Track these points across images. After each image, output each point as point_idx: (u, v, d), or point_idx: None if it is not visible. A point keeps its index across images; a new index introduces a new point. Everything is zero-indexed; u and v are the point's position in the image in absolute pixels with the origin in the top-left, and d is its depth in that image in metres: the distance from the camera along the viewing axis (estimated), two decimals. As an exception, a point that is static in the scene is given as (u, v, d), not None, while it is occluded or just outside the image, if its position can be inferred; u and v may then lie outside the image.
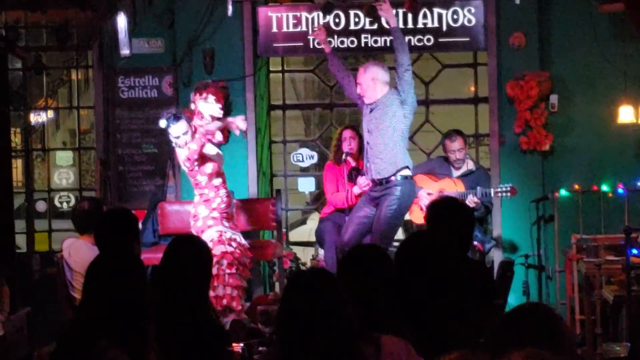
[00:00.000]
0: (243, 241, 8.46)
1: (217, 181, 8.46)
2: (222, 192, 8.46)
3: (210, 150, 8.45)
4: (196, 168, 8.30)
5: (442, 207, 5.57)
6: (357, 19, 10.33)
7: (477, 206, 9.11)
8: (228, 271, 8.14)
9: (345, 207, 8.86)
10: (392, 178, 8.26)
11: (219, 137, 8.67)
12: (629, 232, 7.54)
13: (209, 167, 8.38)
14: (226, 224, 8.41)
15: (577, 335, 8.88)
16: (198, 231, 8.28)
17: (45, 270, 10.12)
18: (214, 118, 8.49)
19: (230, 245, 8.28)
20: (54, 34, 10.30)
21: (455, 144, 9.48)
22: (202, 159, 8.32)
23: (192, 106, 8.57)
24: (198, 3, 10.32)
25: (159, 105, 10.25)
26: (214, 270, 7.84)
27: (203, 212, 8.37)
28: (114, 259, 4.30)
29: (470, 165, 9.59)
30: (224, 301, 8.05)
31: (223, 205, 8.42)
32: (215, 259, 7.66)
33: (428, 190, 9.34)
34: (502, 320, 3.02)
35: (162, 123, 8.39)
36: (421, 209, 9.25)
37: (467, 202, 8.98)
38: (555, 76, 10.07)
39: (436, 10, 10.26)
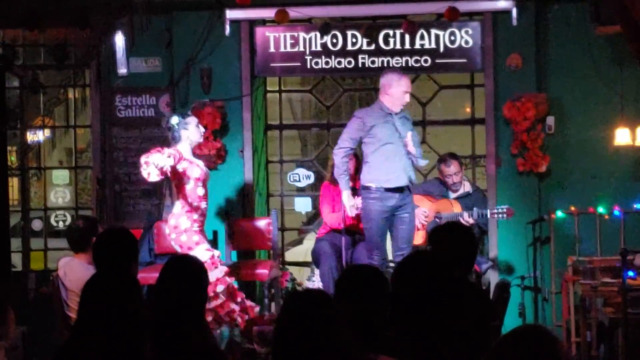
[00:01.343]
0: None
1: (202, 191, 8.52)
2: (204, 205, 8.56)
3: (194, 172, 8.50)
4: (181, 167, 8.35)
5: (446, 232, 5.58)
6: (354, 40, 10.35)
7: (472, 226, 9.12)
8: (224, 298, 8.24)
9: (341, 227, 8.85)
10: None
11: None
12: (626, 254, 7.53)
13: (197, 172, 8.48)
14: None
15: (573, 357, 8.86)
16: (184, 247, 8.31)
17: (41, 289, 10.10)
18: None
19: (221, 265, 8.39)
20: (52, 53, 10.31)
21: (451, 168, 9.50)
22: (190, 164, 8.42)
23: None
24: (196, 23, 10.34)
25: (156, 124, 10.26)
26: (216, 302, 7.96)
27: (184, 223, 8.43)
28: (109, 279, 4.29)
29: (467, 187, 9.60)
30: (237, 318, 8.17)
31: (202, 218, 8.53)
32: (211, 289, 7.76)
33: (424, 209, 9.35)
34: (500, 342, 3.01)
35: (174, 120, 8.57)
36: (417, 229, 9.24)
37: (462, 221, 9.00)
38: (552, 98, 10.08)
39: (433, 31, 10.28)
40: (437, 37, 10.28)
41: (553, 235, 9.84)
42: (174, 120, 8.55)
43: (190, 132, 8.56)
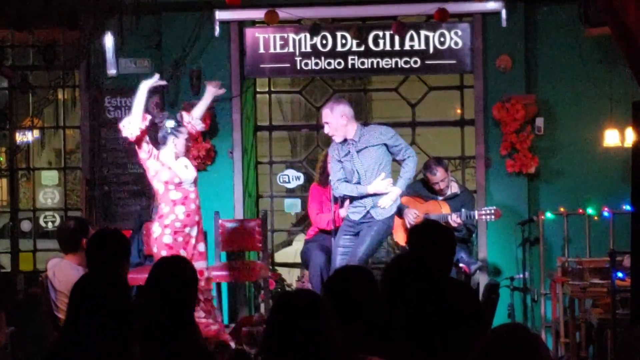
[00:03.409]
0: (205, 271, 8.26)
1: (176, 195, 8.13)
2: (180, 209, 8.12)
3: (171, 161, 8.22)
4: (151, 171, 8.14)
5: (421, 231, 5.61)
6: (344, 41, 10.35)
7: (459, 227, 9.11)
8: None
9: (330, 228, 8.85)
10: None
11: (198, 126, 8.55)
12: (614, 255, 7.55)
13: (165, 175, 8.12)
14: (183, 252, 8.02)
15: (562, 358, 8.88)
16: (156, 256, 8.06)
17: (30, 290, 10.08)
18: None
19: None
20: (41, 54, 10.29)
21: (438, 176, 9.40)
22: (162, 165, 8.14)
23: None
24: (185, 23, 10.33)
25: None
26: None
27: (156, 230, 8.12)
28: (98, 279, 4.28)
29: (454, 188, 9.58)
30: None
31: (178, 224, 8.08)
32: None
33: (414, 210, 9.33)
34: (482, 342, 3.02)
35: (169, 123, 8.30)
36: (405, 230, 9.23)
37: (450, 221, 8.99)
38: (541, 99, 10.11)
39: (423, 32, 10.29)
40: (426, 38, 10.29)
41: (542, 236, 9.86)
42: (169, 124, 8.27)
43: (179, 141, 8.30)
